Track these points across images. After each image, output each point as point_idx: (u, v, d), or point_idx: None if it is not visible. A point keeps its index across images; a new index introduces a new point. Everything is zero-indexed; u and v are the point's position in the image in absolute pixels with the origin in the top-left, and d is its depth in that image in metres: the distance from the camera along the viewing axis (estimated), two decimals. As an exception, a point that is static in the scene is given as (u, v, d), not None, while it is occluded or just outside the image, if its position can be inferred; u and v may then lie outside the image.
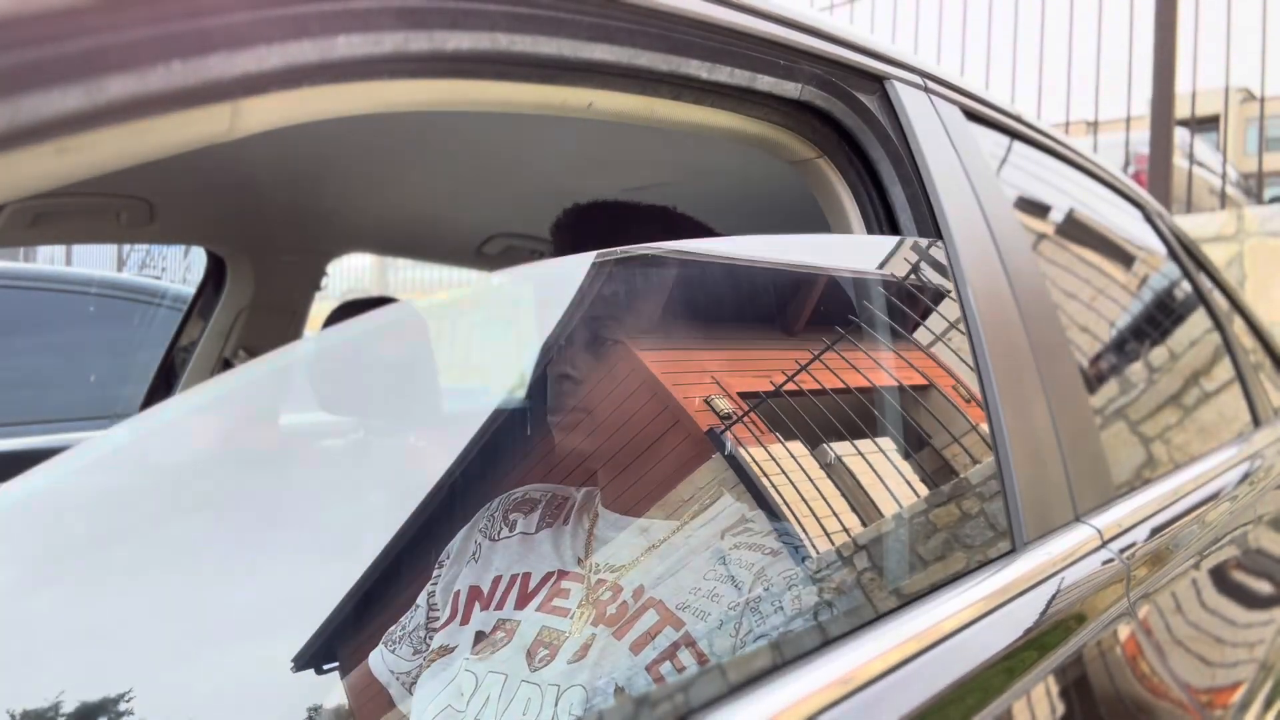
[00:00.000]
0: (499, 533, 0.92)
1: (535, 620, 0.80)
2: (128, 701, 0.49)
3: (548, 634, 0.78)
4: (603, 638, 0.75)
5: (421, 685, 0.90)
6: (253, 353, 1.70)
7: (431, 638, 0.92)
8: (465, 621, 0.85)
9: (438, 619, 0.93)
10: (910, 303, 0.85)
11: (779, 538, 0.81)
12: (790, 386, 0.80)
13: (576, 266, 0.70)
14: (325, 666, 0.99)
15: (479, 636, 0.82)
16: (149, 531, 0.65)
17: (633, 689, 0.53)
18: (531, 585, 0.84)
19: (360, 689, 0.94)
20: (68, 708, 0.47)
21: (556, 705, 0.72)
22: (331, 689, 0.96)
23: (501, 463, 1.03)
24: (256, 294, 1.68)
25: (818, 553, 0.82)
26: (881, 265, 0.87)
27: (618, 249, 0.72)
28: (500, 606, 0.83)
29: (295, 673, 1.18)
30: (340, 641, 1.22)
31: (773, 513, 0.86)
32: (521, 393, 0.85)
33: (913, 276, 0.87)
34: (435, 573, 0.96)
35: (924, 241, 0.82)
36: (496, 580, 0.87)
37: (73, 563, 0.60)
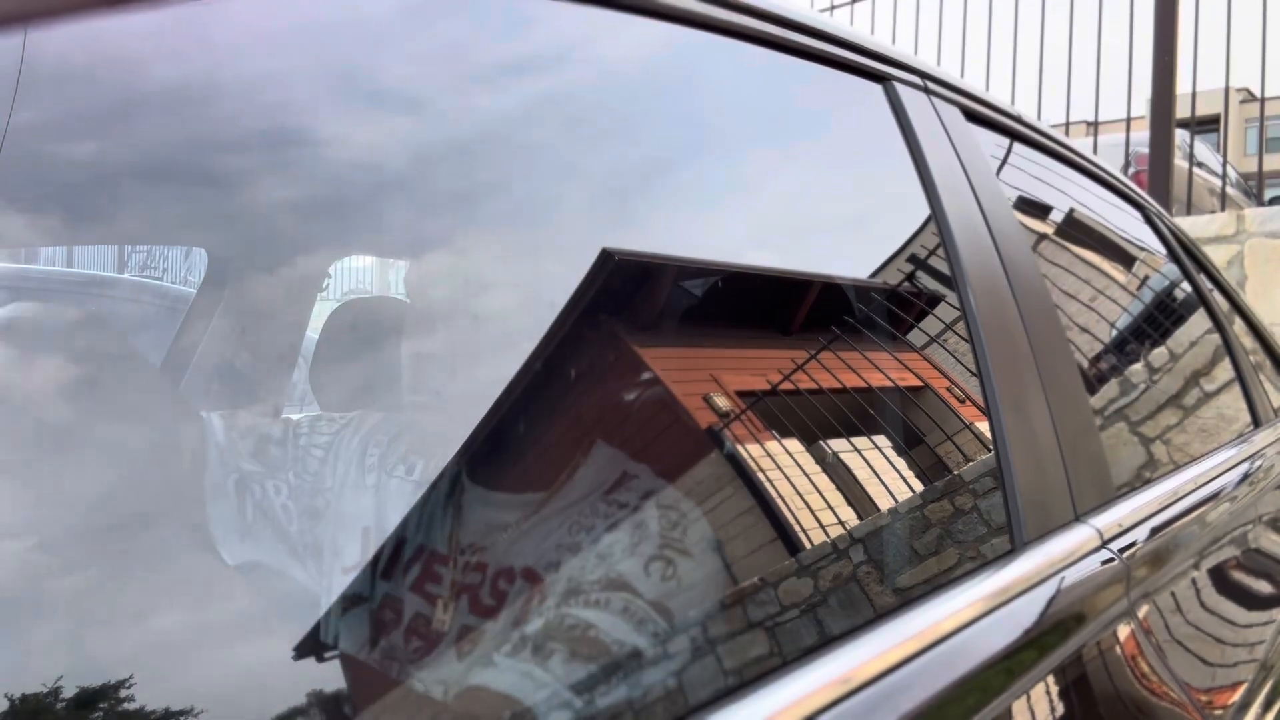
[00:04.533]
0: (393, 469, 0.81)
1: (499, 602, 0.72)
2: (128, 689, 0.48)
3: (514, 618, 0.71)
4: (586, 625, 0.70)
5: None
6: (254, 353, 1.70)
7: None
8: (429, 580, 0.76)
9: None
10: (910, 304, 0.85)
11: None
12: (786, 386, 0.79)
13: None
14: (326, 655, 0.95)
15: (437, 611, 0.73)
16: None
17: (625, 674, 0.52)
18: (495, 567, 0.75)
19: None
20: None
21: (536, 694, 0.66)
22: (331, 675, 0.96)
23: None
24: (257, 294, 1.68)
25: (814, 550, 0.82)
26: (882, 266, 0.87)
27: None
28: (473, 586, 0.75)
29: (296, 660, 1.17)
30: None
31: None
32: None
33: (912, 277, 0.87)
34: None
35: (924, 241, 0.82)
36: (458, 548, 0.77)
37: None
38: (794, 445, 0.72)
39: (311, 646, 0.61)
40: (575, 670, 0.77)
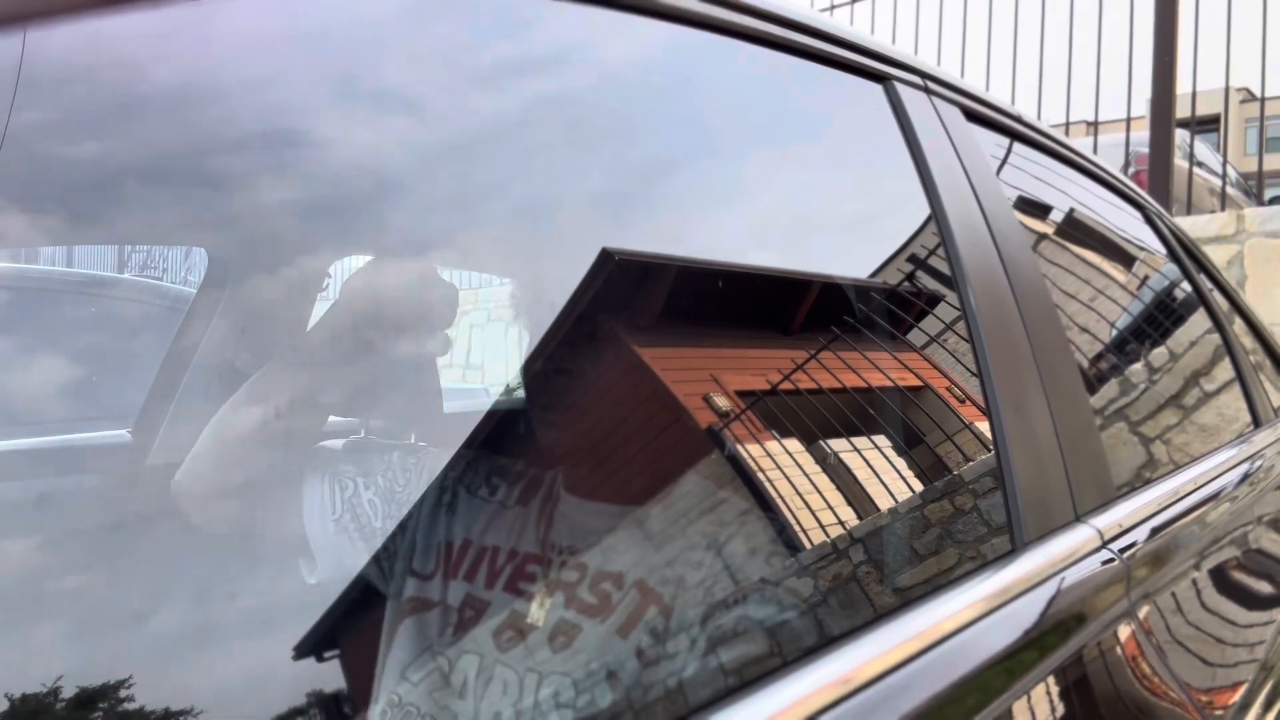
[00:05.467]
0: (479, 489, 0.84)
1: (503, 601, 0.76)
2: (128, 689, 0.49)
3: (515, 617, 0.75)
4: (586, 625, 0.72)
5: (395, 646, 0.83)
6: (254, 353, 1.70)
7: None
8: (430, 577, 0.79)
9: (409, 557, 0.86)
10: (910, 303, 0.85)
11: (767, 525, 0.79)
12: (787, 386, 0.79)
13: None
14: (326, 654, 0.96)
15: (447, 611, 0.77)
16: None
17: (626, 674, 0.52)
18: (500, 562, 0.79)
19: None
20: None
21: (538, 693, 0.69)
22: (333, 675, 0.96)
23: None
24: (257, 294, 1.68)
25: (814, 550, 0.82)
26: (882, 266, 0.87)
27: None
28: (470, 579, 0.78)
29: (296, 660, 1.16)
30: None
31: (765, 506, 0.85)
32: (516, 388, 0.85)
33: (912, 277, 0.87)
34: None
35: (924, 241, 0.82)
36: (466, 545, 0.81)
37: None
38: (794, 445, 0.72)
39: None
40: (575, 670, 0.77)
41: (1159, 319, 1.49)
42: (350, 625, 0.73)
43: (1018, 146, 1.12)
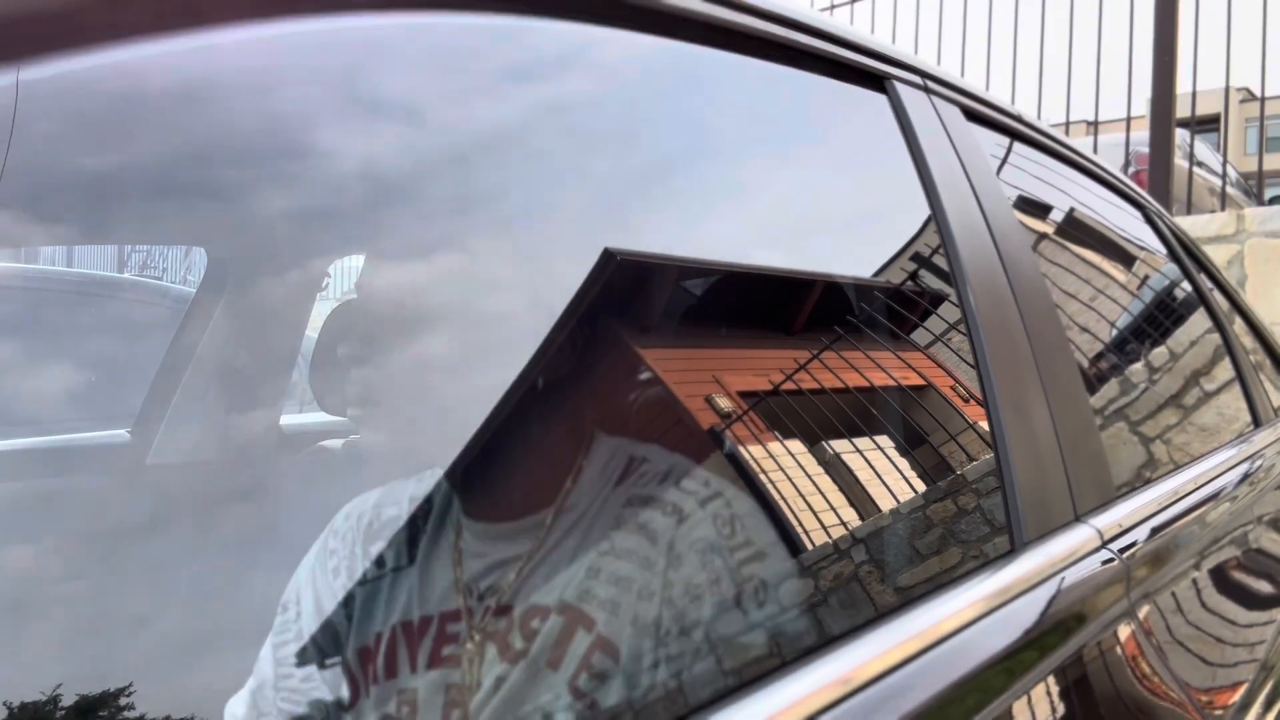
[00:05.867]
0: (366, 574, 0.73)
1: (435, 680, 0.66)
2: (128, 696, 0.48)
3: (454, 691, 0.66)
4: (513, 669, 0.64)
5: None
6: (253, 353, 1.70)
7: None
8: (353, 701, 0.66)
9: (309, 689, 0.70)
10: (910, 303, 0.85)
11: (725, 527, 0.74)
12: (788, 386, 0.79)
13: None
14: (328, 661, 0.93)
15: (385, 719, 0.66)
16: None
17: (626, 675, 0.52)
18: (417, 637, 0.68)
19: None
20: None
21: (538, 695, 0.64)
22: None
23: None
24: (257, 294, 1.68)
25: (814, 551, 0.82)
26: (883, 266, 0.87)
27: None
28: (392, 675, 0.66)
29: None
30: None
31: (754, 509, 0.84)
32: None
33: (914, 276, 0.87)
34: (280, 618, 0.69)
35: (925, 241, 0.82)
36: (378, 638, 0.68)
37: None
38: (795, 445, 0.72)
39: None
40: (573, 670, 0.76)
41: (1159, 319, 1.49)
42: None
43: (1018, 146, 1.12)
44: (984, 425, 0.79)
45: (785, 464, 0.72)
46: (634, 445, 0.75)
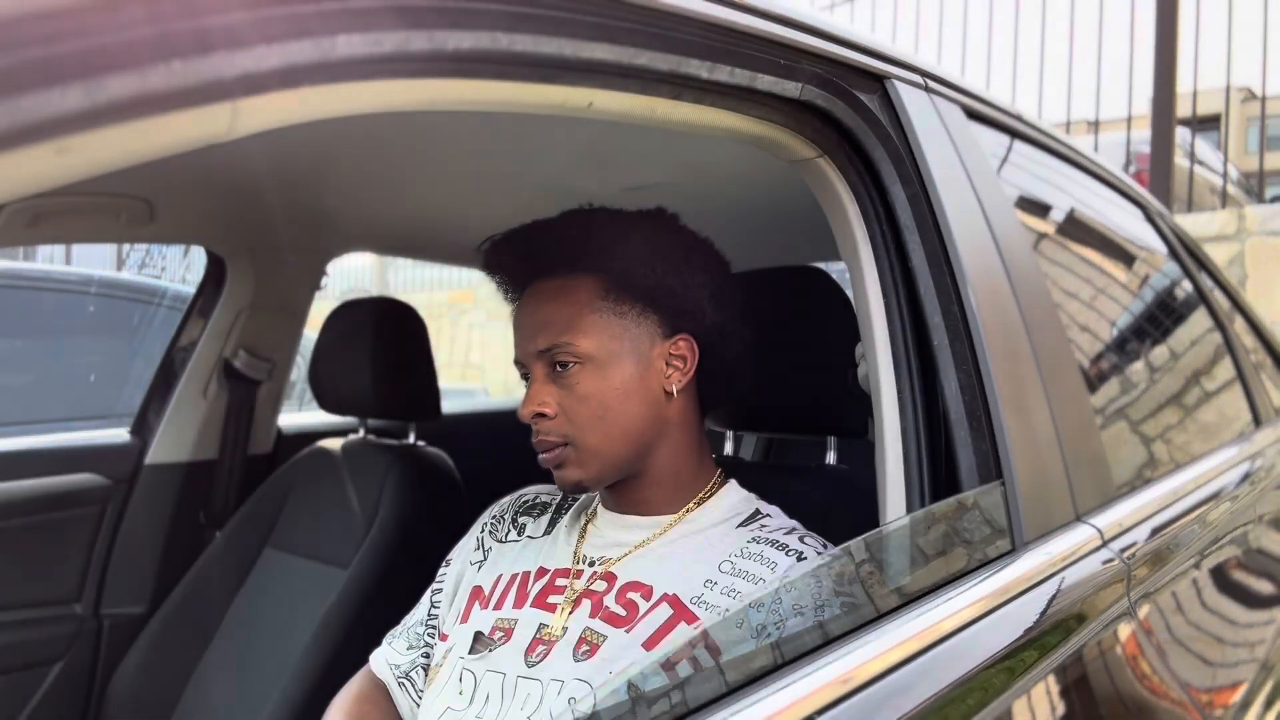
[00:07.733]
0: (506, 535, 0.92)
1: (531, 618, 0.80)
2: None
3: (544, 631, 0.79)
4: (612, 634, 0.75)
5: (417, 682, 0.90)
6: (253, 353, 1.70)
7: (430, 634, 0.92)
8: (464, 620, 0.86)
9: (438, 617, 0.93)
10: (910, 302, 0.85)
11: (799, 537, 0.80)
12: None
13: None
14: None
15: (477, 636, 0.83)
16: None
17: (645, 686, 0.52)
18: (530, 585, 0.84)
19: (362, 686, 0.94)
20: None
21: (559, 698, 0.72)
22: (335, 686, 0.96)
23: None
24: (256, 294, 1.68)
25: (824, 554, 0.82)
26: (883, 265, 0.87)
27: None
28: (499, 606, 0.84)
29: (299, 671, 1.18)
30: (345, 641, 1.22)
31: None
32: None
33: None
34: (441, 571, 0.96)
35: (925, 241, 0.82)
36: (497, 580, 0.87)
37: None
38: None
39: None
40: (585, 674, 0.77)
41: (1160, 318, 1.49)
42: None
43: (1018, 145, 1.11)
44: (985, 424, 0.78)
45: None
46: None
